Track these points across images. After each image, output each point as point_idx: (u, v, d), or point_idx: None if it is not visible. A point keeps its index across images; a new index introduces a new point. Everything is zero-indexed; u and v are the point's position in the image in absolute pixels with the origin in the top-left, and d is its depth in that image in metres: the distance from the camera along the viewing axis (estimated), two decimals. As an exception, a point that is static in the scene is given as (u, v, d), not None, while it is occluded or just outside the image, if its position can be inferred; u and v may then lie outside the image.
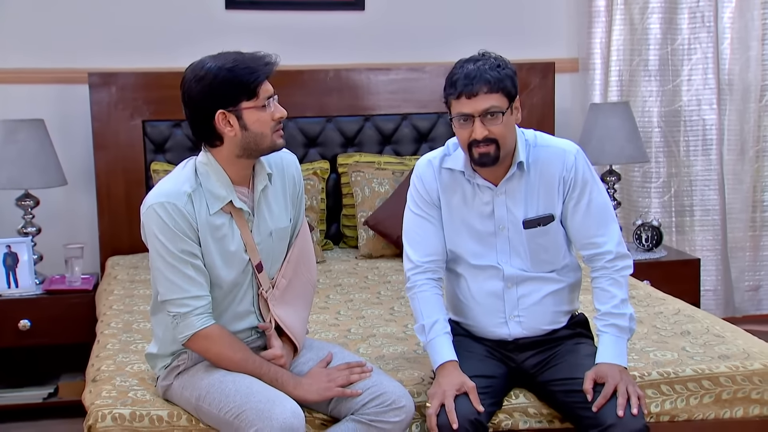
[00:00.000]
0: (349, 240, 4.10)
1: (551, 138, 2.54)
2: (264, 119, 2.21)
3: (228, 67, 2.17)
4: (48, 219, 3.95)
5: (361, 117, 4.18)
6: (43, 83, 4.03)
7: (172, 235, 2.18)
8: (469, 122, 2.33)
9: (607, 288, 2.45)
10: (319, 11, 4.26)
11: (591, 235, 2.46)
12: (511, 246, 2.47)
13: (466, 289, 2.53)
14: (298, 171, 2.43)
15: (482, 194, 2.46)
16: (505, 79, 2.35)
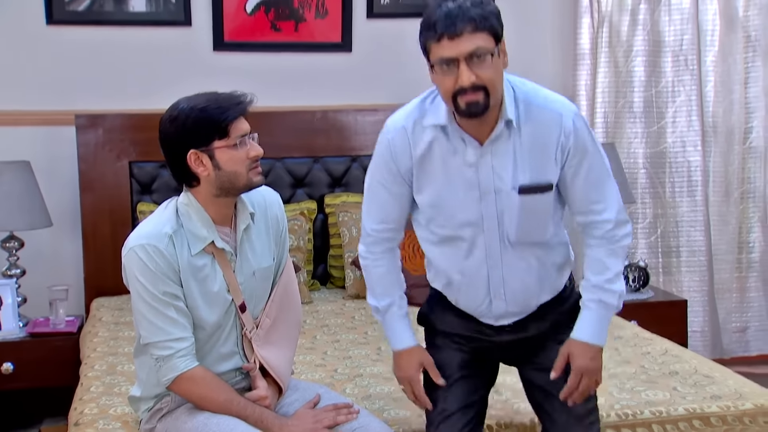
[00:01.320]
0: (336, 280, 4.06)
1: (544, 94, 2.22)
2: (237, 158, 2.19)
3: (200, 107, 2.16)
4: (33, 261, 3.91)
5: (348, 157, 4.18)
6: (30, 125, 4.01)
7: (154, 278, 2.15)
8: (453, 68, 2.03)
9: (602, 258, 2.24)
10: (306, 53, 4.26)
11: (590, 201, 2.24)
12: (498, 212, 2.20)
13: (450, 260, 2.28)
14: (281, 210, 2.41)
15: (466, 152, 2.17)
16: (490, 16, 2.05)
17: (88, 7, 4.04)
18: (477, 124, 2.14)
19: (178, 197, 2.28)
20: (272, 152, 3.99)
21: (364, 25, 4.29)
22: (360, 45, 4.29)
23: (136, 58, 4.10)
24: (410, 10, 4.30)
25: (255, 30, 4.20)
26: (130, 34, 4.09)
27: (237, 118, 2.18)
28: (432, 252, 2.32)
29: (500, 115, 2.13)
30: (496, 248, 2.22)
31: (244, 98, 2.21)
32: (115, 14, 4.07)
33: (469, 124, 2.14)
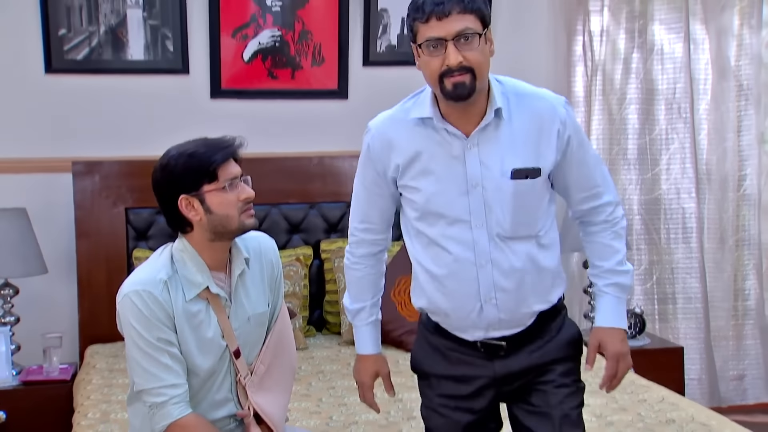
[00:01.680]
0: (332, 326, 4.05)
1: (531, 86, 2.23)
2: (228, 201, 2.20)
3: (188, 152, 2.19)
4: (27, 308, 3.89)
5: (344, 203, 4.18)
6: (27, 172, 4.02)
7: (148, 324, 2.14)
8: (440, 49, 2.02)
9: (609, 242, 2.26)
10: (303, 100, 4.29)
11: (591, 186, 2.23)
12: (487, 206, 2.14)
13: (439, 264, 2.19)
14: (276, 255, 2.41)
15: (451, 145, 2.13)
16: (478, 0, 2.06)
17: (87, 56, 4.06)
18: (462, 115, 2.11)
19: (173, 243, 2.28)
20: (268, 198, 4.03)
21: (360, 73, 4.32)
22: (356, 92, 4.32)
23: (134, 106, 4.12)
24: (406, 58, 4.28)
25: (252, 77, 4.22)
26: (128, 81, 4.11)
27: (225, 161, 2.19)
28: (421, 259, 2.24)
29: (489, 105, 2.11)
30: (485, 246, 2.15)
31: (232, 142, 2.23)
32: (113, 62, 4.09)
33: (454, 114, 2.11)
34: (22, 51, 4.01)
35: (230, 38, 4.16)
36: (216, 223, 2.20)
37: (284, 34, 4.21)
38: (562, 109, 2.18)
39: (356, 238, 2.36)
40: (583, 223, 2.31)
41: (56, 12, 3.99)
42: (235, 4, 4.13)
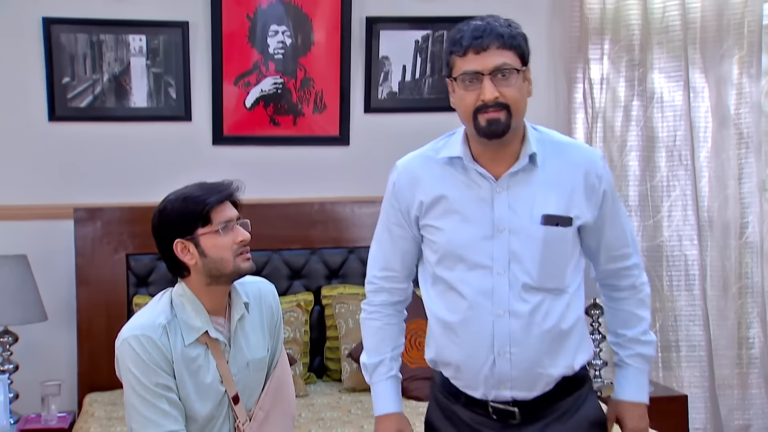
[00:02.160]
0: (332, 373, 4.00)
1: (564, 136, 2.20)
2: (222, 244, 2.20)
3: (183, 196, 2.20)
4: (26, 355, 3.86)
5: (345, 249, 4.17)
6: (29, 219, 4.01)
7: (146, 369, 2.12)
8: (476, 83, 1.97)
9: (633, 310, 2.18)
10: (304, 146, 4.30)
11: (621, 245, 2.16)
12: (511, 252, 2.03)
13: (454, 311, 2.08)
14: (276, 301, 2.39)
15: (480, 186, 2.05)
16: (518, 36, 2.02)
17: (90, 104, 4.08)
18: (494, 156, 2.05)
19: (173, 288, 2.27)
20: (270, 244, 4.01)
21: (362, 120, 4.34)
22: (357, 138, 4.33)
23: (136, 153, 4.13)
24: (407, 105, 4.37)
25: (254, 124, 4.24)
26: (131, 129, 4.13)
27: (220, 204, 2.20)
28: (436, 307, 2.13)
29: (523, 149, 2.06)
30: (505, 295, 2.04)
31: (228, 185, 2.24)
32: (116, 110, 4.11)
33: (486, 155, 2.05)
34: (26, 99, 4.04)
35: (233, 85, 4.18)
36: (211, 266, 2.19)
37: (286, 81, 4.23)
38: (599, 162, 2.12)
39: (375, 286, 2.25)
40: (608, 287, 2.23)
41: (60, 60, 4.02)
42: (237, 51, 4.15)
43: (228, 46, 4.14)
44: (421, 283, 2.20)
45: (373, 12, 4.26)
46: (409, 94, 4.37)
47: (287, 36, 4.21)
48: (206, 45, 4.14)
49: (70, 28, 4.01)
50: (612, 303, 2.23)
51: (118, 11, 4.05)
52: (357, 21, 4.24)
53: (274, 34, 4.20)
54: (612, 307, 2.23)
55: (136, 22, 4.07)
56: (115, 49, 4.07)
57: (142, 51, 4.10)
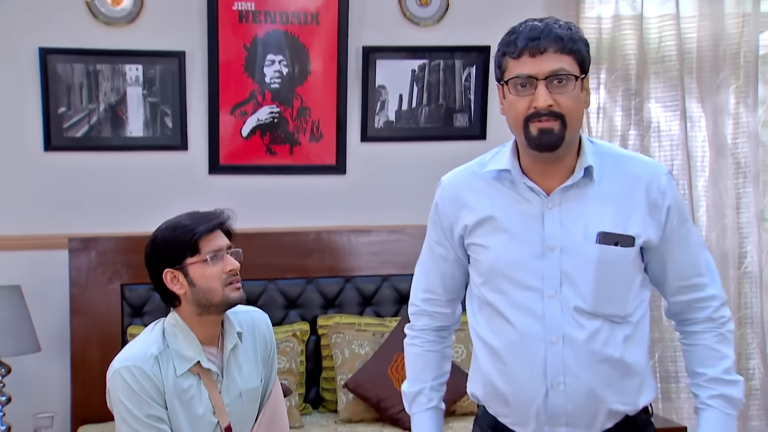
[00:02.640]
0: (328, 404, 3.95)
1: (624, 149, 2.05)
2: (211, 273, 2.18)
3: (173, 226, 2.20)
4: (19, 387, 3.81)
5: (342, 278, 4.14)
6: (23, 249, 3.97)
7: (138, 400, 2.09)
8: (530, 88, 1.81)
9: (715, 346, 1.94)
10: (301, 175, 4.27)
11: (693, 273, 1.93)
12: (563, 273, 1.87)
13: (503, 337, 1.91)
14: (270, 330, 2.36)
15: (529, 202, 1.90)
16: (578, 41, 1.85)
17: (86, 133, 4.06)
18: (546, 170, 1.89)
19: (165, 318, 2.23)
20: (265, 273, 3.98)
21: (358, 148, 4.32)
22: (354, 167, 4.30)
23: (132, 182, 4.10)
24: (403, 134, 4.35)
25: (250, 153, 4.21)
26: (127, 158, 4.10)
27: (209, 233, 2.18)
28: (483, 332, 1.96)
29: (578, 163, 1.89)
30: (557, 319, 1.87)
31: (217, 215, 2.23)
32: (112, 140, 4.09)
33: (536, 169, 1.90)
34: (22, 128, 4.02)
35: (229, 115, 4.16)
36: (200, 296, 2.17)
37: (283, 110, 4.21)
38: (663, 177, 1.92)
39: (416, 308, 2.10)
40: (682, 322, 2.01)
41: (56, 90, 4.00)
42: (234, 81, 4.14)
43: (224, 75, 4.13)
44: (467, 307, 2.06)
45: (369, 42, 4.25)
46: (405, 123, 4.35)
47: (284, 65, 4.19)
48: (203, 74, 4.12)
49: (66, 58, 4.00)
50: (688, 339, 2.01)
51: (114, 41, 4.04)
52: (353, 50, 4.24)
53: (270, 64, 4.19)
54: (688, 344, 2.01)
55: (132, 52, 4.06)
56: (112, 78, 4.06)
57: (139, 81, 4.08)
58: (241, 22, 4.12)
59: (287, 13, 4.17)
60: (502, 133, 4.30)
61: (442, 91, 4.36)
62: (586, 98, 1.89)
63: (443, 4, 4.32)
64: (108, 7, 4.04)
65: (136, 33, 4.07)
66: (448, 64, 4.34)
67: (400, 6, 4.29)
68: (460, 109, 4.39)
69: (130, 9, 4.05)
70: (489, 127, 4.38)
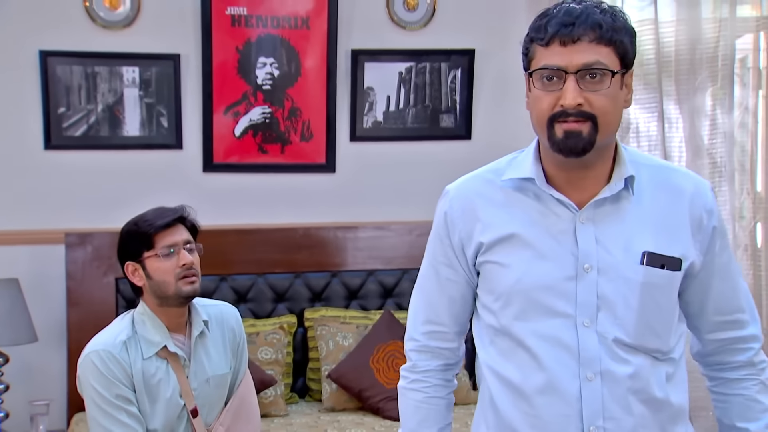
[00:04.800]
0: (314, 393, 3.93)
1: (662, 160, 1.72)
2: (165, 268, 2.18)
3: (135, 221, 2.20)
4: (17, 376, 3.78)
5: (329, 273, 4.09)
6: (21, 244, 3.95)
7: (107, 382, 2.09)
8: (558, 83, 1.48)
9: (756, 396, 1.61)
10: (292, 173, 4.23)
11: (733, 308, 1.61)
12: (600, 298, 1.52)
13: (526, 374, 1.55)
14: (239, 324, 2.35)
15: (558, 216, 1.56)
16: (621, 30, 1.49)
17: (85, 133, 4.03)
18: (573, 179, 1.55)
19: (135, 308, 2.20)
20: (255, 268, 3.95)
21: (347, 148, 4.28)
22: (343, 166, 4.27)
23: (129, 180, 4.08)
24: (391, 134, 4.32)
25: (243, 152, 4.18)
26: (124, 157, 4.08)
27: (165, 229, 2.15)
28: (500, 368, 1.59)
29: (616, 171, 1.55)
30: (595, 352, 1.51)
31: (173, 211, 2.19)
32: (110, 139, 4.06)
33: (562, 177, 1.56)
34: (23, 128, 3.99)
35: (222, 115, 4.12)
36: (156, 288, 2.18)
37: (274, 111, 4.16)
38: (708, 193, 1.60)
39: (417, 344, 1.68)
40: (715, 366, 1.67)
41: (56, 91, 3.97)
42: (227, 82, 4.11)
43: (218, 77, 4.10)
44: (476, 337, 1.68)
45: (358, 45, 4.21)
46: (393, 123, 4.30)
47: (275, 68, 4.14)
48: (197, 76, 4.09)
49: (65, 61, 3.97)
50: (723, 387, 1.66)
51: (112, 44, 4.01)
52: (342, 53, 4.20)
53: (262, 66, 4.14)
54: (723, 394, 1.66)
55: (129, 55, 4.03)
56: (109, 80, 4.02)
57: (135, 82, 4.04)
58: (234, 26, 4.08)
59: (278, 17, 4.12)
60: (487, 133, 4.29)
61: (429, 93, 4.31)
62: (627, 97, 1.56)
63: (429, 10, 4.27)
64: (106, 12, 4.01)
65: (132, 36, 4.04)
66: (434, 66, 4.29)
67: (388, 10, 4.25)
68: (446, 110, 4.33)
69: (127, 13, 4.02)
70: (474, 128, 4.33)
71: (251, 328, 3.75)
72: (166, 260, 2.17)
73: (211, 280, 3.90)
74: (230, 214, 4.11)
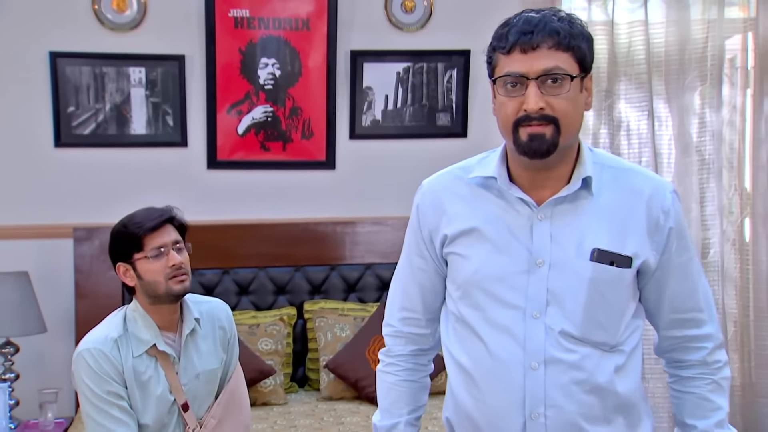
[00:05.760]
0: (313, 383, 3.94)
1: (627, 161, 1.70)
2: (154, 268, 2.17)
3: (124, 223, 2.22)
4: (27, 365, 3.80)
5: (328, 266, 4.09)
6: (31, 238, 3.96)
7: (99, 379, 2.10)
8: (520, 88, 1.51)
9: (707, 395, 1.62)
10: (293, 170, 4.23)
11: (689, 307, 1.62)
12: (551, 292, 1.55)
13: (478, 360, 1.59)
14: (230, 320, 2.36)
15: (517, 212, 1.59)
16: (578, 36, 1.52)
17: (93, 131, 4.03)
18: (536, 178, 1.58)
19: (128, 305, 2.20)
20: (257, 262, 3.95)
21: (347, 145, 4.27)
22: (343, 163, 4.26)
23: (135, 176, 4.08)
24: (389, 132, 4.31)
25: (246, 149, 4.18)
26: (131, 154, 4.08)
27: (153, 231, 2.14)
28: (457, 353, 1.64)
29: (576, 172, 1.59)
30: (540, 343, 1.55)
31: (161, 213, 2.20)
32: (117, 137, 4.06)
33: (526, 177, 1.59)
34: (34, 126, 4.01)
35: (226, 114, 4.12)
36: (147, 288, 2.18)
37: (276, 110, 4.16)
38: (668, 195, 1.62)
39: (393, 329, 1.75)
40: (673, 364, 1.69)
41: (66, 91, 3.98)
42: (230, 82, 4.11)
43: (222, 77, 4.10)
44: (442, 324, 1.74)
45: (357, 46, 4.20)
46: (391, 121, 4.28)
47: (277, 68, 4.13)
48: (201, 76, 4.08)
49: (74, 62, 3.98)
50: (678, 385, 1.68)
51: (119, 46, 4.02)
52: (342, 54, 4.19)
53: (264, 66, 4.13)
54: (678, 390, 1.68)
55: (136, 56, 4.03)
56: (117, 80, 4.01)
57: (142, 82, 4.04)
58: (237, 28, 4.07)
59: (280, 19, 4.11)
60: (482, 131, 4.27)
61: (426, 92, 4.29)
62: (588, 100, 1.58)
63: (427, 11, 4.25)
64: (114, 14, 4.00)
65: (139, 38, 4.04)
66: (431, 66, 4.27)
67: (387, 12, 4.23)
68: (443, 108, 4.31)
69: (134, 16, 4.01)
70: (470, 126, 4.31)
71: (252, 319, 3.76)
72: (155, 261, 2.16)
73: (214, 273, 3.91)
74: (233, 210, 4.11)
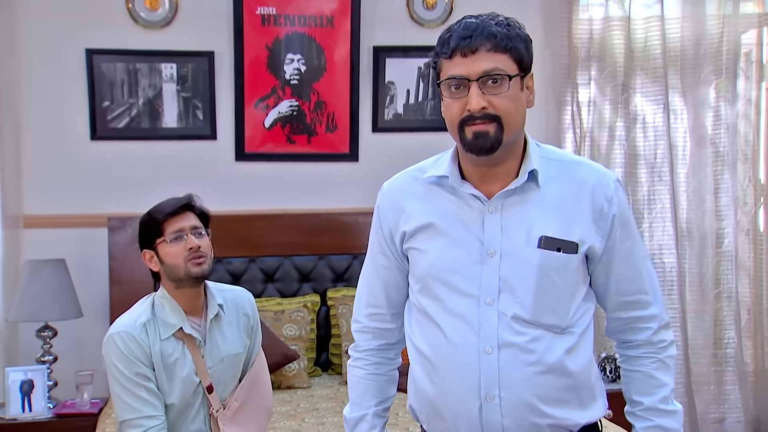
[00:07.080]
0: (335, 367, 3.97)
1: (572, 154, 1.76)
2: (174, 252, 2.20)
3: (148, 212, 2.26)
4: (65, 348, 3.86)
5: (351, 255, 4.11)
6: (67, 227, 4.01)
7: (127, 361, 2.12)
8: (463, 90, 1.55)
9: (652, 373, 1.65)
10: (317, 162, 4.24)
11: (634, 290, 1.64)
12: (502, 280, 1.58)
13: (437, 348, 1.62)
14: (253, 308, 2.38)
15: (469, 207, 1.62)
16: (515, 38, 1.56)
17: (127, 125, 4.07)
18: (486, 175, 1.61)
19: (156, 292, 2.22)
20: (282, 250, 3.98)
21: (370, 138, 4.28)
22: (366, 155, 4.27)
23: (166, 168, 4.11)
24: (410, 125, 4.32)
25: (272, 142, 4.20)
26: (162, 147, 4.11)
27: (172, 217, 2.18)
28: (418, 341, 1.67)
29: (522, 166, 1.62)
30: (493, 329, 1.57)
31: (179, 200, 2.20)
32: (150, 130, 4.09)
33: (476, 174, 1.62)
34: (71, 120, 4.05)
35: (253, 108, 4.13)
36: (169, 272, 2.21)
37: (301, 104, 4.16)
38: (611, 184, 1.64)
39: (360, 325, 1.79)
40: (621, 344, 1.71)
41: (101, 86, 4.02)
42: (257, 77, 4.12)
43: (249, 72, 4.11)
44: (405, 315, 1.76)
45: (379, 42, 4.20)
46: (412, 115, 4.28)
47: (302, 63, 4.14)
48: (230, 72, 4.11)
49: (109, 58, 4.02)
50: (626, 363, 1.71)
51: (152, 43, 4.05)
52: (365, 50, 4.20)
53: (290, 62, 4.14)
54: (626, 370, 1.71)
55: (167, 53, 4.06)
56: (149, 76, 4.04)
57: (173, 78, 4.06)
58: (264, 25, 4.08)
59: (305, 16, 4.11)
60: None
61: (446, 87, 4.25)
62: (530, 97, 1.61)
63: (447, 8, 4.23)
64: (147, 12, 4.03)
65: (171, 35, 4.07)
66: (451, 62, 4.23)
67: (408, 9, 4.22)
68: (462, 102, 4.27)
69: (166, 14, 4.04)
70: (488, 119, 4.26)
71: (277, 306, 3.77)
72: (174, 245, 2.19)
73: (241, 261, 3.93)
74: (260, 200, 4.12)
